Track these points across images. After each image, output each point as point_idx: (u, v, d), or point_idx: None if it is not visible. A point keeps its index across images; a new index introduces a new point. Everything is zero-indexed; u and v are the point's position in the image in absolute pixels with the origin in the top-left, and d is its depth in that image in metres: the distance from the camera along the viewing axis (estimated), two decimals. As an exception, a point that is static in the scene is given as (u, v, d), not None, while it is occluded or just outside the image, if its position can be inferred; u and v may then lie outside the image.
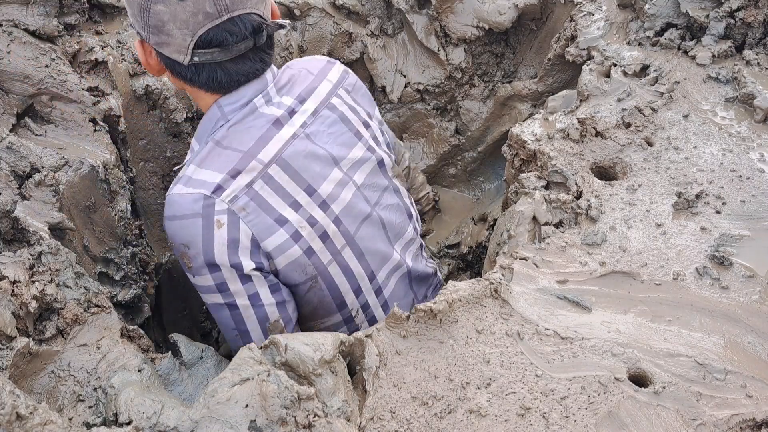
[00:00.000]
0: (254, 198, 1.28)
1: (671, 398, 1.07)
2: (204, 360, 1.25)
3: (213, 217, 1.25)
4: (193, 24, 1.19)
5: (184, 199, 1.26)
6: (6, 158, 1.44)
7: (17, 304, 1.12)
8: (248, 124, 1.32)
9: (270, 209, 1.30)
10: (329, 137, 1.40)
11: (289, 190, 1.32)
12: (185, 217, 1.25)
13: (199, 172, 1.28)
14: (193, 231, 1.25)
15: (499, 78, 2.61)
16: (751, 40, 1.82)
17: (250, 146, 1.30)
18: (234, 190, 1.27)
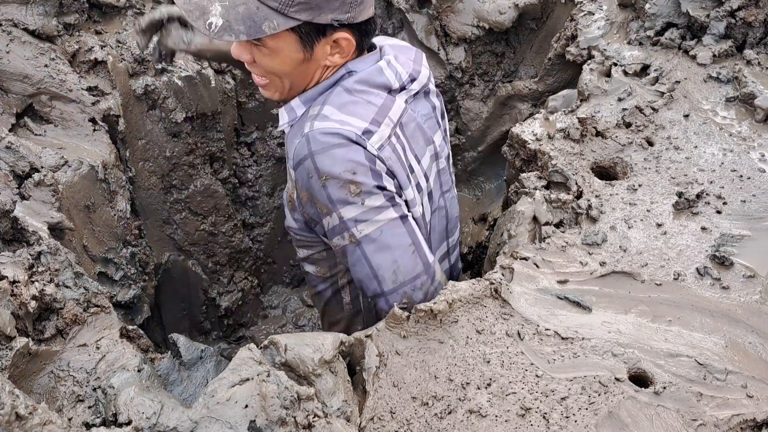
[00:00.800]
0: (394, 150, 1.28)
1: (672, 398, 1.07)
2: (204, 360, 1.25)
3: (366, 151, 1.22)
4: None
5: (337, 131, 1.21)
6: (5, 158, 1.44)
7: (17, 304, 1.11)
8: (375, 81, 1.30)
9: (403, 164, 1.31)
10: (422, 118, 1.42)
11: (408, 153, 1.33)
12: (344, 146, 1.20)
13: (340, 115, 1.24)
14: (357, 156, 1.21)
15: (500, 77, 2.61)
16: (752, 40, 1.81)
17: (382, 102, 1.28)
18: (380, 138, 1.25)
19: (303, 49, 1.22)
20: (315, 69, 1.28)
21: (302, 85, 1.30)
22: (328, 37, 1.22)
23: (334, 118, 1.23)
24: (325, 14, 1.17)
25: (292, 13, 1.15)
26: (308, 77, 1.29)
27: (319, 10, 1.16)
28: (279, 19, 1.15)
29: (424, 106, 1.44)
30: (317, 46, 1.22)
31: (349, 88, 1.27)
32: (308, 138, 1.21)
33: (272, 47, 1.21)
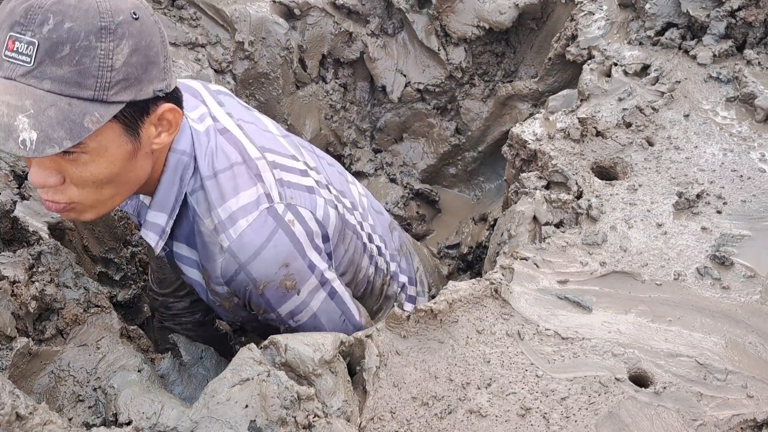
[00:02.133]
0: (286, 185, 1.22)
1: (672, 398, 1.07)
2: (204, 360, 1.25)
3: (284, 220, 1.17)
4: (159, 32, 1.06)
5: (252, 228, 1.14)
6: (5, 158, 1.44)
7: (17, 304, 1.11)
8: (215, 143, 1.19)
9: (297, 185, 1.25)
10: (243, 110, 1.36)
11: (287, 163, 1.28)
12: (268, 241, 1.15)
13: (237, 201, 1.15)
14: (283, 246, 1.16)
15: (500, 77, 2.61)
16: (752, 40, 1.81)
17: (239, 154, 1.20)
18: (272, 188, 1.19)
19: (130, 138, 1.02)
20: (141, 162, 1.08)
21: (126, 189, 1.10)
22: (152, 114, 1.03)
23: (236, 212, 1.14)
24: (146, 87, 0.99)
25: (111, 97, 0.95)
26: (136, 175, 1.09)
27: (139, 85, 0.98)
28: (99, 109, 0.94)
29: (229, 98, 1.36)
30: (142, 129, 1.03)
31: (209, 174, 1.15)
32: (231, 252, 1.13)
33: (95, 149, 0.98)
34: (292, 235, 1.18)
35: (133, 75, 0.96)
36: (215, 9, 2.27)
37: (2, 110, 0.91)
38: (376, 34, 2.56)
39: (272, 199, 1.17)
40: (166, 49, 1.03)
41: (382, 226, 1.62)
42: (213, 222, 1.15)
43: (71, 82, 0.92)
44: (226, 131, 1.22)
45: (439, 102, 2.62)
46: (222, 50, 2.28)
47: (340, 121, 2.63)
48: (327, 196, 1.31)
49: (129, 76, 0.95)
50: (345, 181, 1.52)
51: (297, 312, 1.24)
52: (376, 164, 2.68)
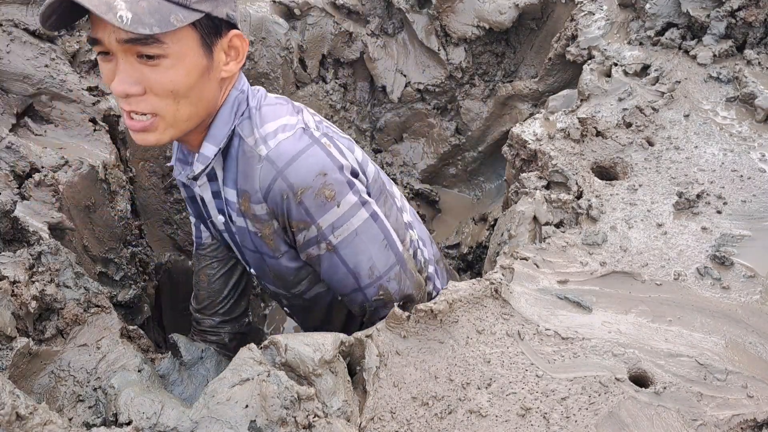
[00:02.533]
0: (325, 131, 1.30)
1: (672, 398, 1.07)
2: (204, 360, 1.25)
3: (320, 140, 1.23)
4: None
5: (289, 140, 1.20)
6: (6, 158, 1.44)
7: (17, 304, 1.12)
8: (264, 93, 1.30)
9: (336, 135, 1.33)
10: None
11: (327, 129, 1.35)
12: (304, 151, 1.19)
13: (276, 122, 1.23)
14: (319, 157, 1.20)
15: (500, 77, 2.61)
16: (752, 40, 1.81)
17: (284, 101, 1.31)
18: (310, 122, 1.27)
19: (206, 53, 1.11)
20: (213, 85, 1.17)
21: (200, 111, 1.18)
22: (223, 37, 1.14)
23: (276, 131, 1.21)
24: (221, 6, 1.10)
25: (193, 4, 1.06)
26: (208, 98, 1.17)
27: (216, 1, 1.09)
28: (183, 11, 1.05)
29: None
30: (215, 49, 1.13)
31: (255, 106, 1.25)
32: (269, 159, 1.18)
33: (176, 53, 1.07)
34: (328, 152, 1.23)
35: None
36: (215, 9, 2.27)
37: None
38: (376, 34, 2.56)
39: (309, 126, 1.25)
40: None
41: (422, 231, 1.64)
42: (254, 138, 1.21)
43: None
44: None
45: (439, 102, 2.62)
46: (222, 50, 2.28)
47: (340, 121, 2.63)
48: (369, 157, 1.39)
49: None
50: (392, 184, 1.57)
51: (338, 225, 1.24)
52: (376, 164, 2.68)
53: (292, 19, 2.41)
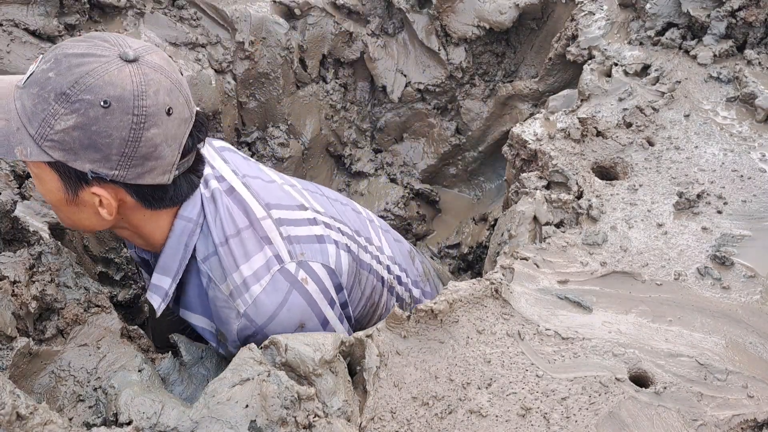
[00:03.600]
0: (294, 240, 1.26)
1: (672, 398, 1.07)
2: (204, 360, 1.25)
3: (297, 279, 1.21)
4: (179, 135, 1.09)
5: (267, 293, 1.18)
6: (6, 158, 1.44)
7: (17, 304, 1.11)
8: (223, 208, 1.23)
9: (306, 238, 1.28)
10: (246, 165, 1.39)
11: (294, 215, 1.31)
12: (283, 305, 1.19)
13: (249, 267, 1.19)
14: (298, 308, 1.20)
15: (500, 77, 2.61)
16: (753, 40, 1.81)
17: (245, 217, 1.24)
18: (281, 249, 1.23)
19: (65, 190, 1.08)
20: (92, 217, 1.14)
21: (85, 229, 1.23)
22: (91, 186, 1.08)
23: (250, 278, 1.18)
24: (81, 161, 1.03)
25: (45, 147, 1.03)
26: (90, 224, 1.16)
27: (74, 155, 1.03)
28: (33, 148, 1.03)
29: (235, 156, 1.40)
30: (81, 192, 1.09)
31: (222, 241, 1.20)
32: (248, 317, 1.18)
33: (36, 174, 1.10)
34: (306, 295, 1.22)
35: (68, 144, 1.02)
36: (216, 9, 2.27)
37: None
38: (377, 34, 2.55)
39: (282, 260, 1.22)
40: (134, 148, 1.04)
41: (402, 254, 1.65)
42: (229, 287, 1.19)
43: (27, 115, 1.03)
44: (233, 191, 1.27)
45: (439, 102, 2.62)
46: (222, 50, 2.28)
47: (341, 121, 2.63)
48: (339, 239, 1.34)
49: (64, 142, 1.02)
50: (361, 219, 1.55)
51: None
52: (377, 164, 2.68)
53: (292, 19, 2.41)
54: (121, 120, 1.02)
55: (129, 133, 1.03)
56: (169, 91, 1.06)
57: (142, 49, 1.07)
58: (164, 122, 1.05)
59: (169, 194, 1.14)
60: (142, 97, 1.03)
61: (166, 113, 1.05)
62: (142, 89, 1.03)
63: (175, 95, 1.07)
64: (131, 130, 1.03)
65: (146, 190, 1.11)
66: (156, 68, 1.05)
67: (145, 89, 1.03)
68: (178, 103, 1.07)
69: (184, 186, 1.16)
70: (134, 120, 1.02)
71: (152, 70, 1.05)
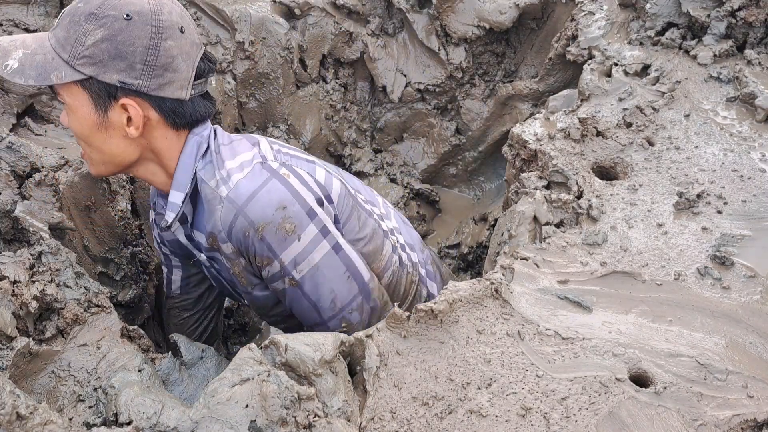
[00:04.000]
0: (283, 158, 1.33)
1: (672, 398, 1.07)
2: (204, 360, 1.25)
3: (278, 172, 1.26)
4: (192, 55, 1.22)
5: (247, 178, 1.24)
6: (6, 158, 1.44)
7: (17, 304, 1.12)
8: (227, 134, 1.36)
9: (296, 159, 1.36)
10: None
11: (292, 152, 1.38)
12: (263, 186, 1.23)
13: (234, 161, 1.27)
14: (278, 191, 1.24)
15: (500, 77, 2.61)
16: (753, 40, 1.81)
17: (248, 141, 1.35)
18: (268, 152, 1.31)
19: (96, 110, 1.20)
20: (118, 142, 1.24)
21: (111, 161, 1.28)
22: (117, 100, 1.19)
23: (234, 169, 1.26)
24: (110, 73, 1.16)
25: (78, 66, 1.16)
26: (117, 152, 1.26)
27: (103, 67, 1.15)
28: (67, 70, 1.16)
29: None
30: (110, 110, 1.20)
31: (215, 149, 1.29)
32: (229, 199, 1.22)
33: (69, 103, 1.21)
34: (287, 183, 1.26)
35: (98, 57, 1.16)
36: (216, 9, 2.27)
37: (19, 41, 1.21)
38: (377, 34, 2.56)
39: (266, 158, 1.30)
40: (155, 57, 1.18)
41: (410, 235, 1.66)
42: (215, 180, 1.26)
43: (61, 44, 1.17)
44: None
45: (439, 102, 2.62)
46: (222, 50, 2.28)
47: (341, 121, 2.63)
48: (333, 171, 1.39)
49: (94, 56, 1.15)
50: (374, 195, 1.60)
51: (300, 260, 1.26)
52: (377, 164, 2.68)
53: (292, 19, 2.41)
54: (142, 30, 1.16)
55: (149, 41, 1.17)
56: (180, 15, 1.22)
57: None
58: (178, 37, 1.19)
59: (188, 111, 1.26)
60: (159, 12, 1.17)
61: (180, 30, 1.20)
62: (158, 7, 1.18)
63: (186, 20, 1.23)
64: (151, 39, 1.17)
65: (168, 105, 1.23)
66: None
67: (160, 8, 1.18)
68: (189, 26, 1.22)
69: (201, 106, 1.28)
70: (153, 30, 1.17)
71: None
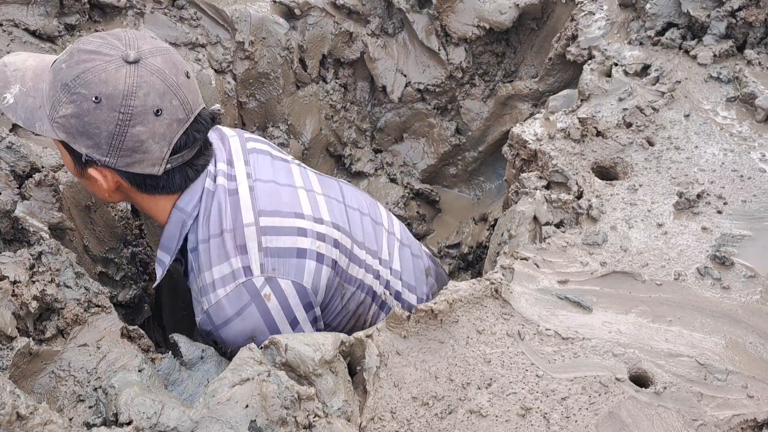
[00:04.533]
0: (271, 253, 1.31)
1: (672, 398, 1.07)
2: (204, 360, 1.25)
3: (259, 294, 1.28)
4: (169, 135, 1.19)
5: (228, 298, 1.27)
6: (6, 158, 1.44)
7: (18, 304, 1.12)
8: (216, 207, 1.32)
9: (286, 250, 1.32)
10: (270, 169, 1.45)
11: (285, 224, 1.35)
12: (239, 314, 1.28)
13: (219, 271, 1.29)
14: (252, 320, 1.28)
15: (500, 77, 2.61)
16: (753, 40, 1.81)
17: (232, 220, 1.32)
18: (253, 261, 1.29)
19: (77, 165, 1.23)
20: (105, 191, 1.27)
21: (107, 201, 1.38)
22: (88, 167, 1.22)
23: (216, 280, 1.29)
24: (78, 145, 1.18)
25: (55, 127, 1.18)
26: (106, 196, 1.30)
27: (73, 138, 1.17)
28: (47, 125, 1.19)
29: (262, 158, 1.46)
30: (88, 171, 1.22)
31: (205, 238, 1.31)
32: (208, 315, 1.29)
33: (58, 146, 1.26)
34: (264, 311, 1.28)
35: (68, 128, 1.17)
36: (216, 9, 2.27)
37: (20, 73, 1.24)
38: (377, 34, 2.55)
39: (251, 272, 1.29)
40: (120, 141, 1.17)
41: (415, 272, 1.65)
42: (200, 284, 1.32)
43: (47, 95, 1.19)
44: (235, 193, 1.35)
45: (439, 102, 2.62)
46: (222, 50, 2.28)
47: (341, 121, 2.63)
48: (326, 253, 1.37)
49: (65, 126, 1.17)
50: (377, 231, 1.57)
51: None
52: (377, 164, 2.68)
53: (292, 19, 2.41)
54: (108, 115, 1.14)
55: (115, 128, 1.15)
56: (161, 94, 1.16)
57: (149, 51, 1.18)
58: (151, 121, 1.16)
59: (161, 184, 1.26)
60: (131, 97, 1.14)
61: (155, 114, 1.16)
62: (133, 90, 1.15)
63: (168, 98, 1.17)
64: (117, 125, 1.15)
65: (138, 178, 1.24)
66: (154, 71, 1.16)
67: (135, 90, 1.15)
68: (170, 105, 1.18)
69: (177, 178, 1.27)
70: (120, 117, 1.15)
71: (149, 72, 1.16)
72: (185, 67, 1.24)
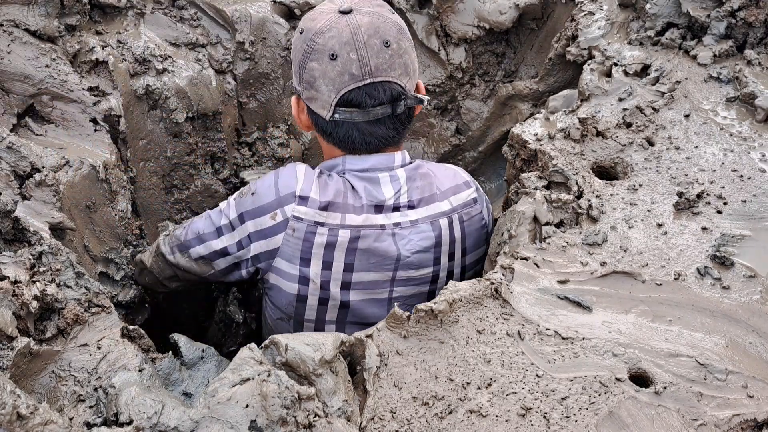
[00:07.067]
0: (305, 237, 1.33)
1: (672, 398, 1.07)
2: (204, 360, 1.25)
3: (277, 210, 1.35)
4: (339, 83, 1.29)
5: (280, 181, 1.38)
6: (6, 158, 1.44)
7: (18, 304, 1.12)
8: (361, 184, 1.37)
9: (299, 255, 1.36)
10: (413, 245, 1.42)
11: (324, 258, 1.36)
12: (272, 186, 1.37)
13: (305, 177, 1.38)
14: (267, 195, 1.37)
15: (500, 78, 2.61)
16: (753, 40, 1.81)
17: (349, 203, 1.35)
18: (305, 213, 1.32)
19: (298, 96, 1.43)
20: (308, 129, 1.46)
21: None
22: (296, 94, 1.44)
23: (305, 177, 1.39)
24: (292, 70, 1.38)
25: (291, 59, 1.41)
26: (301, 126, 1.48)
27: (293, 64, 1.39)
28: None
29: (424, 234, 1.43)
30: (293, 96, 1.45)
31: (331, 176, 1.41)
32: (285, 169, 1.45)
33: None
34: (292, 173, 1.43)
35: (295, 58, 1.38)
36: (216, 9, 2.27)
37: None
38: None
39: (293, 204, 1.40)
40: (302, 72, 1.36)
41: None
42: None
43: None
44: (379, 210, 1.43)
45: (439, 102, 2.62)
46: (222, 50, 2.28)
47: (341, 121, 2.63)
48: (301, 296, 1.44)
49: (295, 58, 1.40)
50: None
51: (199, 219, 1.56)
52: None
53: (292, 19, 2.41)
54: (300, 45, 1.33)
55: (301, 58, 1.33)
56: (343, 43, 1.28)
57: (364, 10, 1.31)
58: (325, 62, 1.28)
59: (327, 129, 1.38)
60: (320, 35, 1.28)
61: (330, 56, 1.28)
62: (323, 30, 1.29)
63: (347, 49, 1.28)
64: (302, 56, 1.32)
65: (315, 116, 1.38)
66: (351, 24, 1.29)
67: (325, 31, 1.28)
68: (346, 55, 1.28)
69: (341, 132, 1.37)
70: (305, 48, 1.31)
71: (346, 23, 1.29)
72: (388, 36, 1.29)
